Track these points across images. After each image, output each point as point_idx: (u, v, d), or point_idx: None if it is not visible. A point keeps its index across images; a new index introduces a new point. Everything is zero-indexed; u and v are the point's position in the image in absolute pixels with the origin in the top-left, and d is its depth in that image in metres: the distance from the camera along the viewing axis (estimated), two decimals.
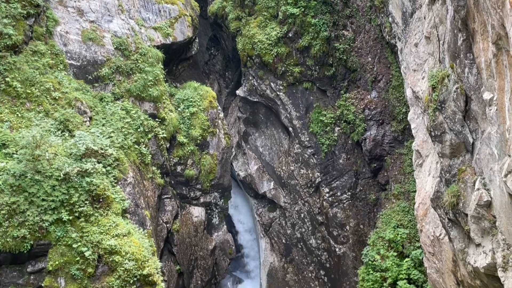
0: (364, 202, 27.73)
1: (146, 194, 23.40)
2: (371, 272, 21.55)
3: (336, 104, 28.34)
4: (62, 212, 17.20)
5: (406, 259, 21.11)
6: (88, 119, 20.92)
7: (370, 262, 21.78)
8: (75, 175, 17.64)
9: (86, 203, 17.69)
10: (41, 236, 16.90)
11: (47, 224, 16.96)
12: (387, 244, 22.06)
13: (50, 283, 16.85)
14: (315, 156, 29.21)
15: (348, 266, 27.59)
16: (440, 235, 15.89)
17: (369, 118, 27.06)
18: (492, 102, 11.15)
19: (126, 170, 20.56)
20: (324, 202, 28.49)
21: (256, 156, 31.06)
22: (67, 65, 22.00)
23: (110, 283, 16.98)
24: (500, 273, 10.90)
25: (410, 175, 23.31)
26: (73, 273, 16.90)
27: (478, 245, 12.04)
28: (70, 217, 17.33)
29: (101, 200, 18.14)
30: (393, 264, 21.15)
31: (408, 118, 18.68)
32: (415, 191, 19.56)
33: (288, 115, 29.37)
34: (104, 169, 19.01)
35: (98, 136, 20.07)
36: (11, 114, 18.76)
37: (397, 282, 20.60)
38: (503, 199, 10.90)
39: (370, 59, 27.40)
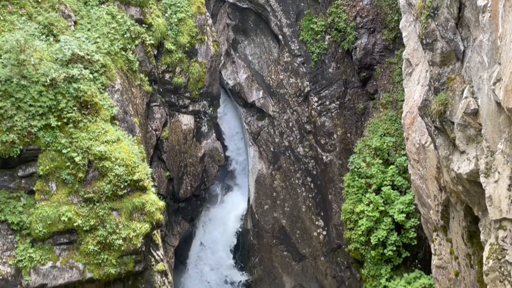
0: (352, 111, 27.91)
1: (135, 101, 23.31)
2: (357, 178, 22.10)
3: (328, 11, 27.72)
4: (50, 118, 17.14)
5: (391, 166, 21.60)
6: (73, 23, 20.33)
7: (356, 169, 22.27)
8: (62, 81, 17.42)
9: (74, 109, 17.61)
10: (30, 142, 16.94)
11: (35, 130, 16.95)
12: (373, 152, 22.48)
13: (42, 187, 17.12)
14: (305, 65, 28.99)
15: (334, 173, 28.24)
16: (425, 143, 16.17)
17: (360, 26, 26.59)
18: (486, 9, 10.96)
19: (114, 77, 20.31)
20: (313, 111, 28.65)
21: (245, 64, 30.75)
22: None
23: (101, 188, 17.28)
24: (482, 179, 11.20)
25: (399, 84, 23.33)
26: (64, 178, 17.14)
27: (463, 152, 12.27)
28: (59, 123, 17.31)
29: (89, 106, 18.05)
30: (378, 171, 21.65)
31: (400, 26, 18.39)
32: (403, 100, 19.66)
33: (278, 22, 28.77)
34: (91, 75, 18.76)
35: (84, 42, 19.61)
36: None
37: (381, 188, 21.20)
38: (490, 107, 10.99)
39: None
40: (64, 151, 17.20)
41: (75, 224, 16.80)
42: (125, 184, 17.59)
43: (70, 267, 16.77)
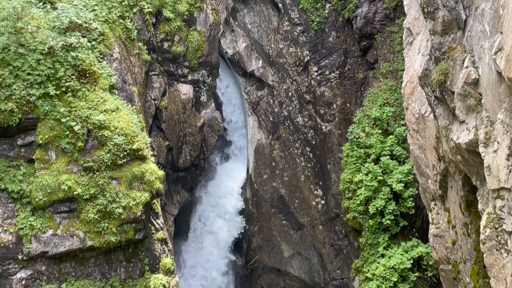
0: (352, 81, 27.79)
1: (133, 70, 23.17)
2: (356, 148, 22.12)
3: None
4: (48, 87, 17.08)
5: (390, 137, 21.60)
6: None
7: (355, 139, 22.27)
8: (60, 49, 17.29)
9: (72, 78, 17.53)
10: (29, 110, 16.91)
11: (34, 98, 16.90)
12: (372, 122, 22.45)
13: (41, 155, 17.16)
14: (305, 34, 28.74)
15: (333, 143, 28.28)
16: (425, 113, 16.14)
17: None
18: None
19: (112, 46, 20.14)
20: (312, 81, 28.52)
21: (245, 33, 30.46)
22: None
23: (101, 157, 17.33)
24: (481, 149, 11.22)
25: (400, 53, 23.15)
26: (63, 147, 17.16)
27: (462, 122, 12.26)
28: (57, 92, 17.25)
29: (87, 75, 17.96)
30: (377, 141, 21.65)
31: None
32: (403, 70, 19.55)
33: None
34: (89, 44, 18.61)
35: (82, 9, 19.38)
36: None
37: (380, 158, 21.23)
38: (491, 77, 10.94)
39: None
40: (63, 120, 17.18)
41: (75, 193, 16.90)
42: (125, 153, 17.62)
43: (71, 235, 16.93)
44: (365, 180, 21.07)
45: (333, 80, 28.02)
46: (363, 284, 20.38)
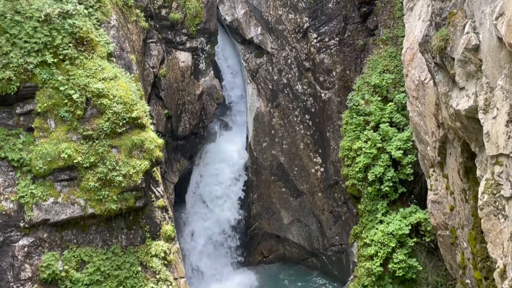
0: (352, 48, 27.56)
1: (131, 38, 22.96)
2: (355, 116, 22.09)
3: None
4: (46, 55, 16.96)
5: (390, 104, 21.55)
6: None
7: (354, 106, 22.23)
8: (57, 16, 17.09)
9: (70, 46, 17.39)
10: (27, 79, 16.83)
11: (32, 67, 16.81)
12: (372, 89, 22.37)
13: (40, 124, 17.15)
14: (304, 0, 28.38)
15: (333, 111, 28.23)
16: (425, 79, 16.07)
17: None
18: None
19: (109, 12, 19.91)
20: (312, 48, 28.29)
21: None
22: None
23: (100, 125, 17.32)
24: (480, 115, 11.21)
25: (400, 19, 22.90)
26: (62, 115, 17.14)
27: (462, 88, 12.22)
28: (55, 60, 17.14)
29: (85, 43, 17.81)
30: (376, 108, 21.61)
31: None
32: (403, 36, 19.38)
33: None
34: (86, 11, 18.39)
35: None
36: None
37: (379, 125, 21.23)
38: (492, 42, 10.85)
39: None
40: (61, 88, 17.11)
41: (75, 161, 16.95)
42: (124, 121, 17.61)
43: (72, 203, 17.05)
44: (364, 147, 21.11)
45: (332, 47, 27.80)
46: (362, 250, 20.63)
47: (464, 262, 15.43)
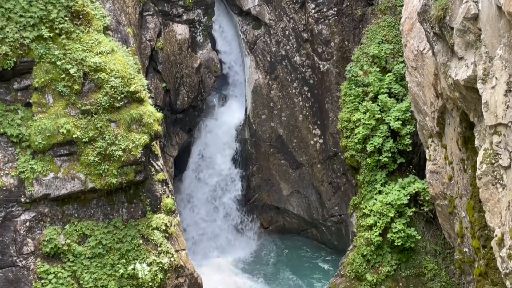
0: (350, 18, 27.33)
1: (127, 10, 22.74)
2: (354, 87, 22.04)
3: None
4: (42, 29, 16.81)
5: (388, 74, 21.48)
6: None
7: (353, 77, 22.16)
8: None
9: (66, 20, 17.21)
10: (24, 53, 16.71)
11: (28, 41, 16.67)
12: (370, 60, 22.27)
13: (38, 99, 17.09)
14: None
15: (331, 82, 28.15)
16: (424, 49, 16.00)
17: None
18: None
19: None
20: (310, 19, 28.05)
21: None
22: None
23: (98, 100, 17.27)
24: (479, 85, 11.20)
25: None
26: (60, 90, 17.08)
27: (461, 58, 12.18)
28: (51, 34, 16.99)
29: (81, 16, 17.63)
30: (375, 79, 21.55)
31: None
32: (402, 6, 19.22)
33: None
34: None
35: None
36: None
37: (378, 96, 21.20)
38: (491, 11, 10.77)
39: None
40: (58, 63, 17.01)
41: (74, 136, 16.96)
42: (122, 95, 17.56)
43: (72, 177, 17.12)
44: (363, 118, 21.12)
45: (331, 17, 27.56)
46: (361, 220, 20.81)
47: (462, 231, 15.61)
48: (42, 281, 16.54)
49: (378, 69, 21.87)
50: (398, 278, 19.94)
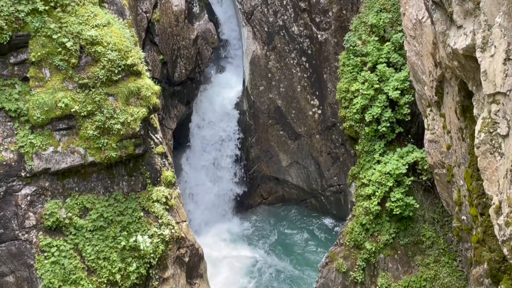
0: None
1: None
2: (352, 57, 21.92)
3: None
4: (37, 2, 16.63)
5: (387, 43, 21.34)
6: None
7: (351, 47, 22.02)
8: None
9: None
10: (19, 27, 16.57)
11: (23, 15, 16.51)
12: (369, 29, 22.09)
13: (35, 73, 17.01)
14: None
15: (329, 52, 27.98)
16: (422, 18, 15.87)
17: None
18: None
19: None
20: None
21: None
22: None
23: (95, 73, 17.20)
24: (478, 54, 11.14)
25: None
26: (57, 64, 16.98)
27: (460, 27, 12.09)
28: (46, 7, 16.82)
29: None
30: (374, 48, 21.42)
31: None
32: None
33: None
34: None
35: None
36: None
37: (377, 66, 21.11)
38: None
39: None
40: (55, 36, 16.88)
41: (72, 110, 16.93)
42: (119, 69, 17.48)
43: (72, 151, 17.15)
44: (361, 89, 21.07)
45: None
46: (360, 190, 20.95)
47: (460, 199, 15.74)
48: (45, 254, 16.73)
49: (376, 38, 21.72)
50: (397, 246, 20.18)
